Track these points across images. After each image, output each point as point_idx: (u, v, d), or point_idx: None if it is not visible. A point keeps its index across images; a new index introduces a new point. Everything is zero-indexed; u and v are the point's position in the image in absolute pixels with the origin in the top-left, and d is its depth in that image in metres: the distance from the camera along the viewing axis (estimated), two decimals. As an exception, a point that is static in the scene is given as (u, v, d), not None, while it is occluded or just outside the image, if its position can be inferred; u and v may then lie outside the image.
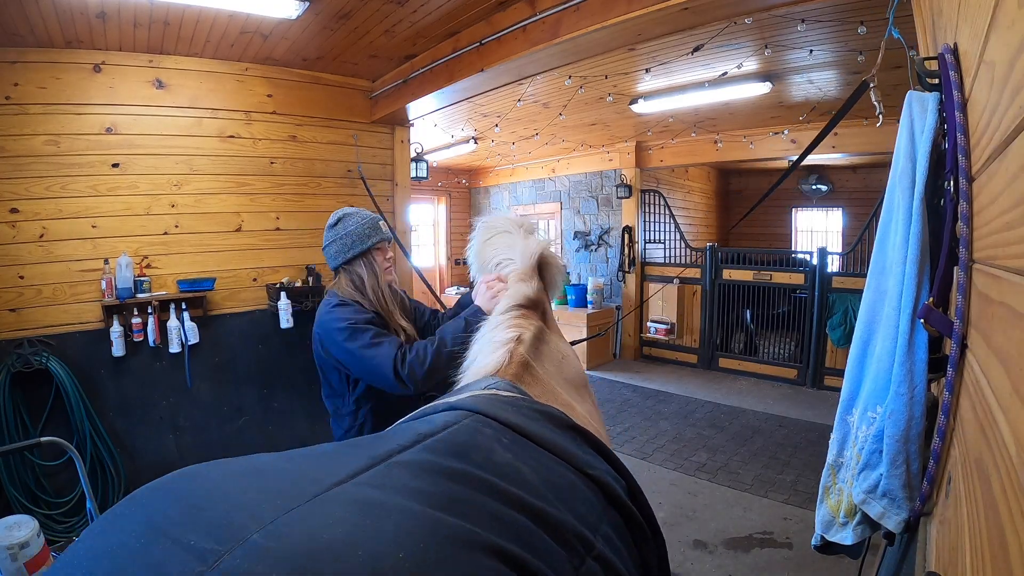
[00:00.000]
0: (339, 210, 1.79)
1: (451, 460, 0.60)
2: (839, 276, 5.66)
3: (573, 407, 0.99)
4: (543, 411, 0.82)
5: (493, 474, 0.60)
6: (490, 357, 1.00)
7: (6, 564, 1.44)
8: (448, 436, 0.67)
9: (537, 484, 0.63)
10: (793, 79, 4.26)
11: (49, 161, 2.97)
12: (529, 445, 0.71)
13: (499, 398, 0.83)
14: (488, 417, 0.73)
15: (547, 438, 0.74)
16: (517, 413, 0.77)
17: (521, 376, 0.96)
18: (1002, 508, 0.49)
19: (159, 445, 3.35)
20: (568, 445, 0.75)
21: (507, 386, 0.89)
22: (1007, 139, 0.57)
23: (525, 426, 0.74)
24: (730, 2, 2.19)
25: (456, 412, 0.75)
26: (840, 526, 1.11)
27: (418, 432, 0.66)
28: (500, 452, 0.66)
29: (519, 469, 0.64)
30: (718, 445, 4.25)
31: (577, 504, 0.65)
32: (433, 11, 2.86)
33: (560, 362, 1.12)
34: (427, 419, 0.75)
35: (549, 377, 1.03)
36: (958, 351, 0.80)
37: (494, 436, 0.69)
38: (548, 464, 0.69)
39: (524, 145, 6.80)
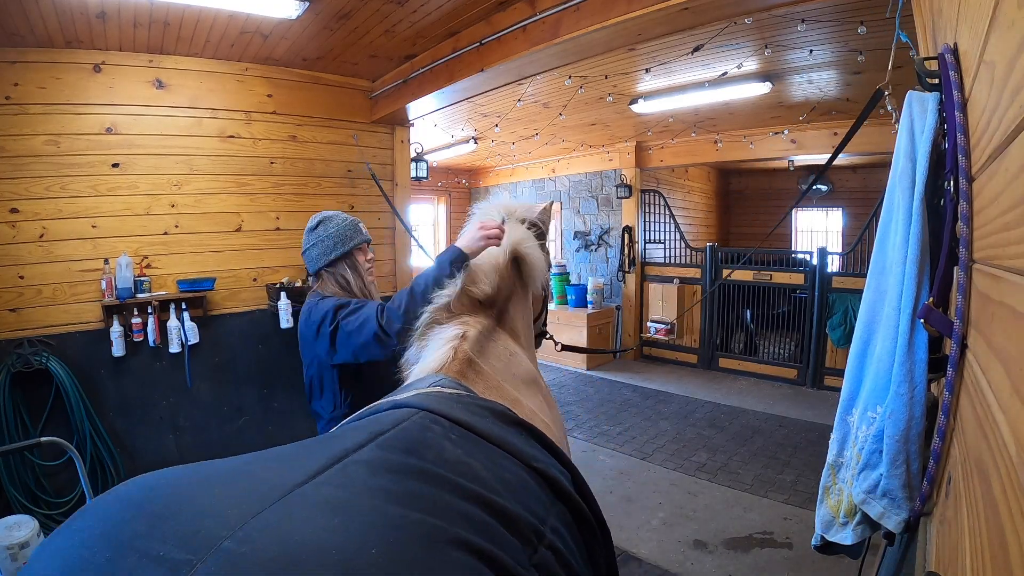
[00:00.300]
0: (318, 214, 1.81)
1: (406, 457, 0.61)
2: (839, 276, 5.66)
3: (520, 402, 1.01)
4: (488, 407, 0.83)
5: (447, 470, 0.61)
6: (435, 354, 1.02)
7: (6, 564, 1.44)
8: (399, 434, 0.67)
9: (488, 479, 0.64)
10: (793, 79, 4.26)
11: (49, 161, 2.97)
12: (477, 440, 0.72)
13: (443, 395, 0.84)
14: (435, 414, 0.74)
15: (494, 433, 0.75)
16: (463, 409, 0.78)
17: (465, 372, 0.98)
18: (1002, 508, 0.49)
19: (159, 445, 3.35)
20: (514, 440, 0.77)
21: (451, 383, 0.91)
22: (1007, 139, 0.57)
23: (472, 422, 0.75)
24: (730, 2, 2.19)
25: (403, 410, 0.75)
26: (840, 526, 1.11)
27: (369, 431, 0.66)
28: (450, 448, 0.67)
29: (470, 465, 0.65)
30: (718, 445, 4.25)
31: (526, 497, 0.67)
32: (433, 11, 2.86)
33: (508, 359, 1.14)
34: (374, 418, 0.76)
35: (495, 373, 1.04)
36: (958, 351, 0.80)
37: (443, 433, 0.70)
38: (496, 459, 0.70)
39: (524, 145, 6.80)
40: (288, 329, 3.54)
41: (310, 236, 1.77)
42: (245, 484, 0.51)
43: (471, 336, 1.07)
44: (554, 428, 1.08)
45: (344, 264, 1.77)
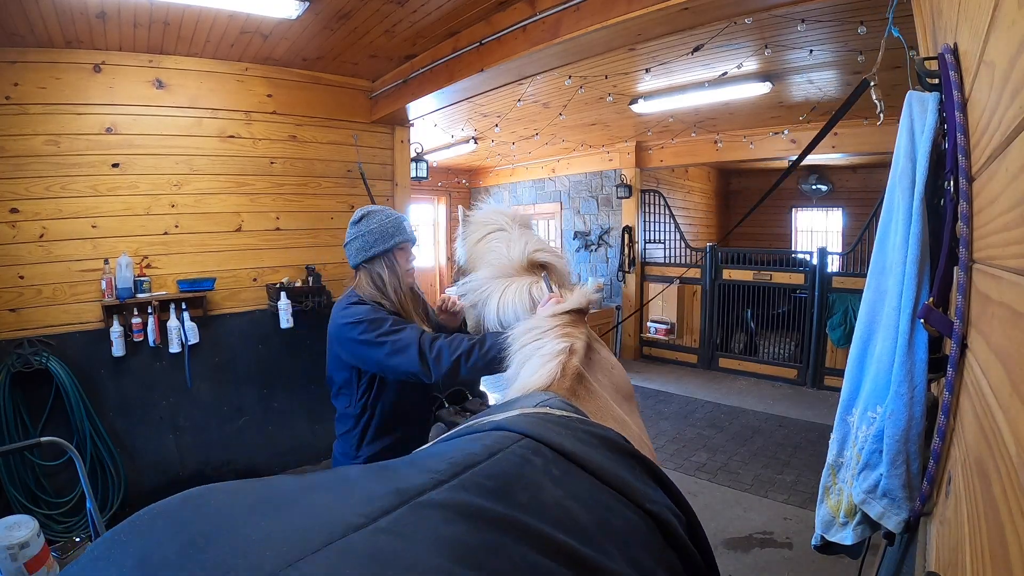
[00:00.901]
0: (364, 207, 1.75)
1: (490, 501, 0.54)
2: (839, 276, 5.66)
3: (628, 424, 0.93)
4: (600, 435, 0.75)
5: (537, 517, 0.54)
6: (541, 369, 0.91)
7: (6, 564, 1.44)
8: (491, 468, 0.60)
9: (587, 525, 0.57)
10: (793, 79, 4.26)
11: (49, 161, 2.97)
12: (583, 476, 0.65)
13: (552, 418, 0.76)
14: (539, 442, 0.66)
15: (605, 468, 0.67)
16: (572, 437, 0.70)
17: (576, 391, 0.89)
18: (1002, 508, 0.49)
19: (159, 445, 3.35)
20: (627, 476, 0.69)
21: (561, 403, 0.81)
22: (1007, 139, 0.57)
23: (581, 454, 0.67)
24: (730, 2, 2.19)
25: (503, 434, 0.68)
26: (840, 526, 1.11)
27: (455, 462, 0.59)
28: (549, 489, 0.60)
29: (569, 510, 0.58)
30: (718, 445, 4.25)
31: (633, 547, 0.60)
32: (433, 11, 2.86)
33: (611, 372, 1.05)
34: (468, 440, 0.68)
35: (603, 390, 0.95)
36: (958, 351, 0.80)
37: (543, 468, 0.62)
38: (602, 499, 0.63)
39: (524, 145, 6.80)
40: (288, 329, 3.55)
41: (352, 229, 1.70)
42: (295, 517, 0.46)
43: (579, 349, 0.96)
44: (652, 448, 0.99)
45: (382, 262, 1.67)
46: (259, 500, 0.49)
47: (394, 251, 1.69)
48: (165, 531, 0.43)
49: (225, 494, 0.49)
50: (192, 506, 0.47)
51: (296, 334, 3.60)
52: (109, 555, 0.42)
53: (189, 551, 0.40)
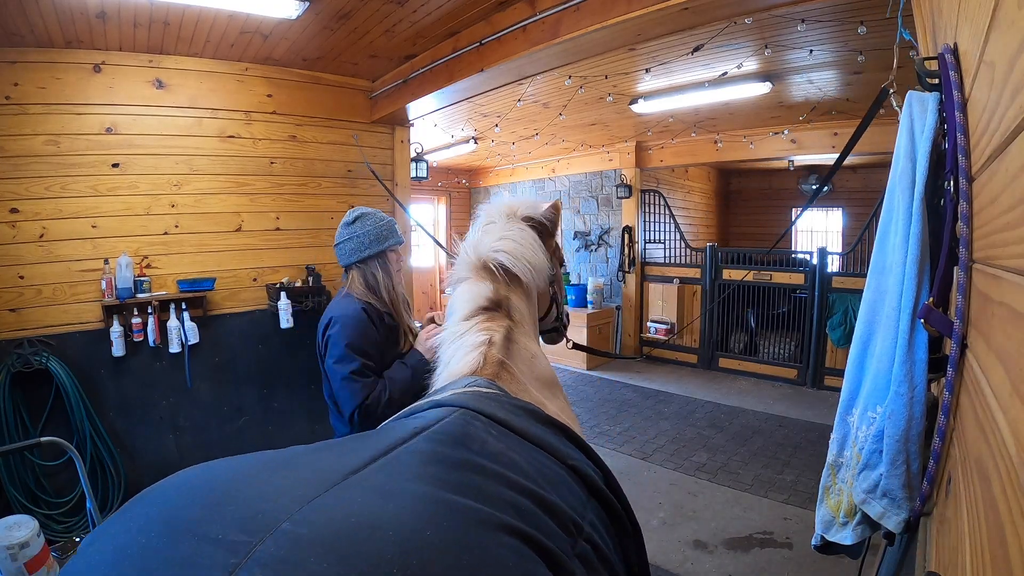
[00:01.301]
0: (356, 208, 1.80)
1: (454, 448, 0.62)
2: (839, 276, 5.66)
3: (545, 404, 1.02)
4: (523, 407, 0.84)
5: (493, 462, 0.62)
6: (463, 360, 1.01)
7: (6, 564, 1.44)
8: (443, 427, 0.69)
9: (531, 472, 0.66)
10: (793, 79, 4.26)
11: (49, 161, 2.97)
12: (515, 438, 0.73)
13: (480, 394, 0.85)
14: (474, 411, 0.75)
15: (531, 431, 0.76)
16: (501, 408, 0.79)
17: (499, 374, 0.99)
18: (1002, 508, 0.49)
19: (159, 445, 3.35)
20: (550, 438, 0.78)
21: (486, 383, 0.91)
22: (1007, 139, 0.57)
23: (510, 420, 0.76)
24: (730, 2, 2.19)
25: (443, 408, 0.76)
26: (840, 526, 1.11)
27: (414, 427, 0.68)
28: (493, 443, 0.68)
29: (513, 459, 0.66)
30: (718, 445, 4.25)
31: (565, 492, 0.68)
32: (433, 11, 2.86)
33: (530, 361, 1.13)
34: (418, 415, 0.77)
35: (522, 376, 1.05)
36: (958, 351, 0.80)
37: (483, 428, 0.71)
38: (535, 456, 0.72)
39: (524, 145, 6.80)
40: (288, 329, 3.55)
41: (345, 230, 1.77)
42: (301, 471, 0.52)
43: (497, 340, 1.06)
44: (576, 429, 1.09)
45: (376, 263, 1.77)
46: (262, 464, 0.54)
47: (387, 252, 1.79)
48: (180, 498, 0.46)
49: (230, 463, 0.54)
50: (196, 476, 0.50)
51: (296, 334, 3.60)
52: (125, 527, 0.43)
53: (212, 508, 0.43)
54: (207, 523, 0.41)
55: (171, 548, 0.39)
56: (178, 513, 0.43)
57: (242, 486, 0.47)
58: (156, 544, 0.40)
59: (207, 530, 0.40)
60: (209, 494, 0.46)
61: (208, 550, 0.39)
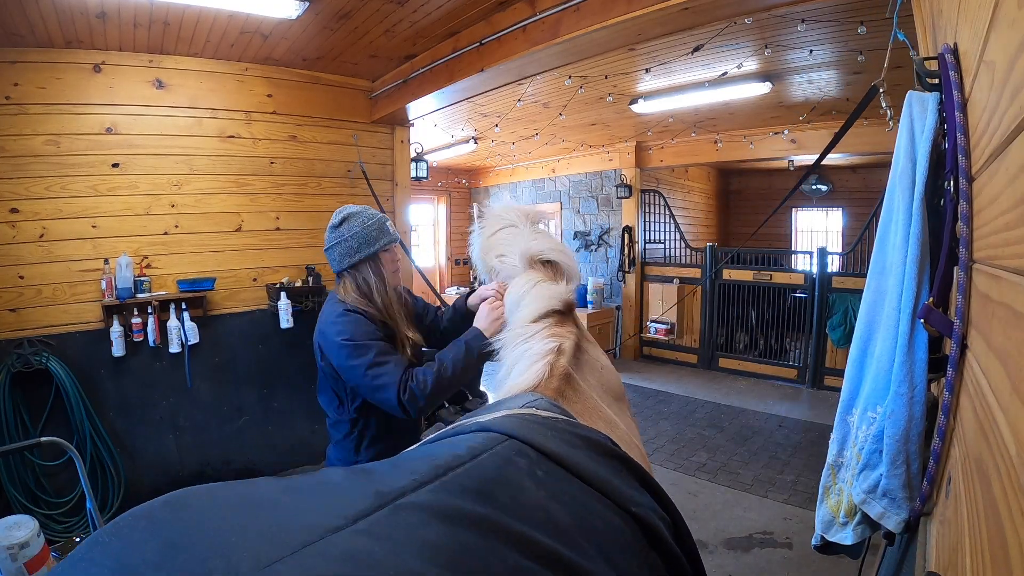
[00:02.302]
0: (342, 209, 1.66)
1: (471, 503, 0.54)
2: (839, 276, 5.66)
3: (616, 424, 0.92)
4: (586, 437, 0.75)
5: (518, 518, 0.54)
6: (529, 370, 0.91)
7: (6, 564, 1.44)
8: (473, 469, 0.60)
9: (569, 527, 0.57)
10: (793, 79, 4.26)
11: (49, 161, 2.97)
12: (567, 478, 0.65)
13: (537, 419, 0.76)
14: (524, 443, 0.67)
15: (588, 470, 0.67)
16: (556, 439, 0.70)
17: (563, 391, 0.89)
18: (1002, 508, 0.49)
19: (159, 445, 3.35)
20: (611, 477, 0.69)
21: (547, 404, 0.81)
22: (1007, 139, 0.57)
23: (565, 455, 0.67)
24: (730, 2, 2.19)
25: (488, 435, 0.68)
26: (840, 526, 1.11)
27: (438, 464, 0.59)
28: (531, 490, 0.60)
29: (550, 511, 0.58)
30: (718, 445, 4.25)
31: (613, 549, 0.60)
32: (433, 11, 2.86)
33: (600, 373, 1.04)
34: (453, 442, 0.68)
35: (591, 390, 0.95)
36: (958, 351, 0.80)
37: (527, 469, 0.63)
38: (585, 501, 0.63)
39: (524, 145, 6.80)
40: (288, 329, 3.55)
41: (332, 234, 1.63)
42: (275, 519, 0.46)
43: (567, 349, 0.96)
44: (644, 451, 0.98)
45: (368, 267, 1.62)
46: (239, 502, 0.49)
47: (379, 254, 1.64)
48: (145, 532, 0.44)
49: (205, 496, 0.49)
50: (172, 509, 0.47)
51: (296, 334, 3.59)
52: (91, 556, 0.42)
53: (168, 552, 0.41)
54: (153, 570, 0.39)
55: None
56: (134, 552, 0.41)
57: (206, 529, 0.44)
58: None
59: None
60: (172, 531, 0.43)
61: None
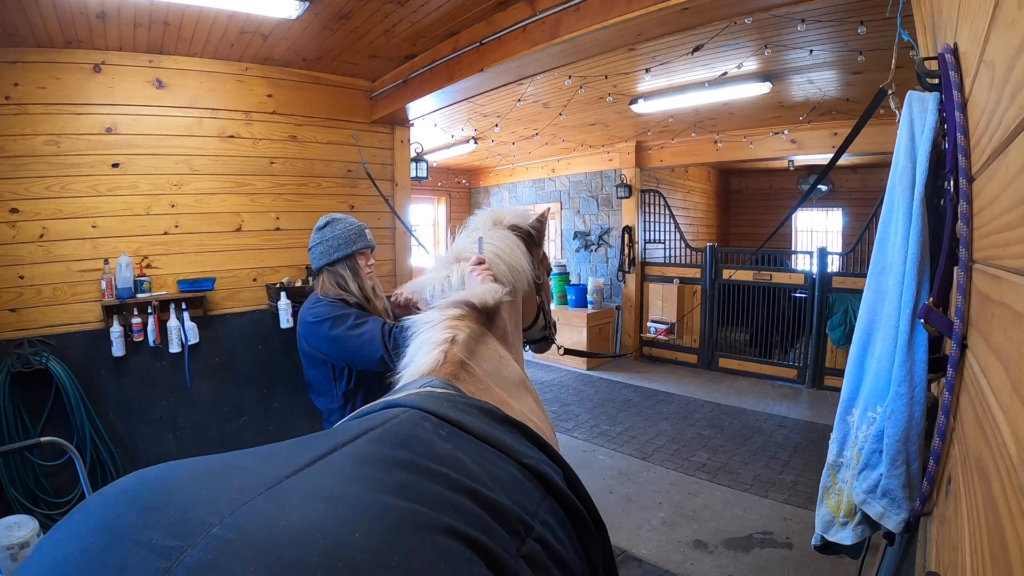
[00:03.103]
0: (328, 214, 1.91)
1: (396, 450, 0.62)
2: (839, 276, 5.66)
3: (508, 403, 1.02)
4: (477, 405, 0.84)
5: (437, 463, 0.62)
6: (425, 357, 1.03)
7: (6, 564, 1.44)
8: (390, 428, 0.69)
9: (478, 473, 0.65)
10: (793, 79, 4.26)
11: (49, 161, 2.97)
12: (466, 437, 0.73)
13: (434, 394, 0.85)
14: (425, 411, 0.75)
15: (483, 430, 0.76)
16: (452, 408, 0.79)
17: (456, 374, 0.99)
18: (1002, 508, 0.49)
19: (159, 445, 3.35)
20: (504, 437, 0.78)
21: (442, 384, 0.92)
22: (1007, 139, 0.57)
23: (461, 419, 0.76)
24: (730, 2, 2.19)
25: (395, 409, 0.77)
26: (840, 526, 1.11)
27: (361, 428, 0.68)
28: (440, 444, 0.68)
29: (460, 459, 0.66)
30: (718, 445, 4.25)
31: (516, 492, 0.67)
32: (433, 11, 2.86)
33: (498, 361, 1.14)
34: (368, 416, 0.77)
35: (486, 375, 1.05)
36: (958, 351, 0.80)
37: (432, 429, 0.71)
38: (486, 455, 0.71)
39: (524, 145, 6.80)
40: (288, 329, 3.54)
41: (316, 235, 1.86)
42: (237, 477, 0.52)
43: (460, 339, 1.07)
44: (545, 429, 1.09)
45: (345, 266, 1.83)
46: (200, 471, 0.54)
47: (355, 255, 1.86)
48: (119, 504, 0.47)
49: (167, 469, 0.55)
50: (139, 481, 0.51)
51: (296, 334, 3.59)
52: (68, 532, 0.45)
53: (148, 512, 0.45)
54: (142, 527, 0.43)
55: (107, 553, 0.41)
56: (116, 519, 0.44)
57: (178, 491, 0.48)
58: (93, 549, 0.42)
59: (141, 535, 0.42)
60: (147, 499, 0.47)
61: (142, 554, 0.40)
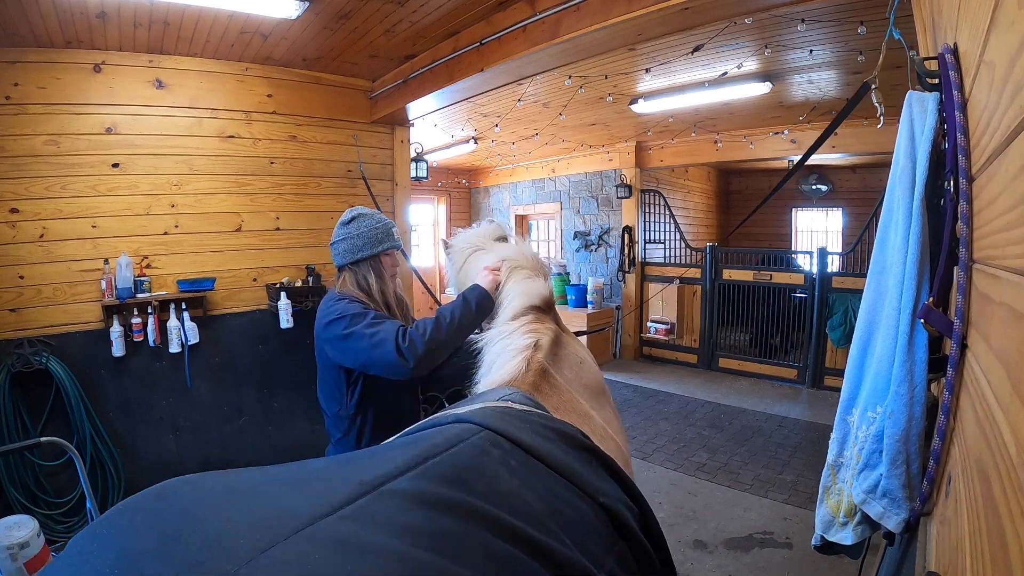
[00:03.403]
0: (354, 208, 1.76)
1: (449, 489, 0.57)
2: (839, 276, 5.66)
3: (592, 417, 0.95)
4: (558, 429, 0.78)
5: (494, 504, 0.57)
6: (506, 365, 0.95)
7: (6, 564, 1.44)
8: (450, 458, 0.63)
9: (541, 514, 0.60)
10: (793, 79, 4.26)
11: (49, 161, 2.97)
12: (539, 468, 0.68)
13: (512, 411, 0.79)
14: (498, 434, 0.70)
15: (559, 460, 0.70)
16: (529, 431, 0.73)
17: (539, 385, 0.92)
18: (1002, 508, 0.49)
19: (159, 445, 3.35)
20: (581, 469, 0.72)
21: (523, 398, 0.85)
22: (1007, 139, 0.57)
23: (537, 446, 0.70)
24: (730, 2, 2.19)
25: (464, 427, 0.71)
26: (840, 526, 1.11)
27: (416, 452, 0.62)
28: (506, 478, 0.62)
29: (523, 498, 0.61)
30: (718, 445, 4.25)
31: (582, 536, 0.63)
32: (433, 11, 2.86)
33: (579, 367, 1.07)
34: (429, 433, 0.71)
35: (568, 384, 0.98)
36: (958, 351, 0.80)
37: (501, 458, 0.65)
38: (557, 491, 0.66)
39: (524, 145, 6.80)
40: (288, 329, 3.55)
41: (341, 230, 1.72)
42: (265, 508, 0.49)
43: (544, 344, 1.00)
44: (622, 443, 1.02)
45: (369, 266, 1.71)
46: (227, 491, 0.51)
47: (381, 256, 1.72)
48: (142, 525, 0.45)
49: (194, 487, 0.51)
50: (165, 500, 0.49)
51: (296, 334, 3.59)
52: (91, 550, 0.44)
53: (165, 542, 0.43)
54: (154, 560, 0.41)
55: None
56: (132, 545, 0.43)
57: (200, 519, 0.46)
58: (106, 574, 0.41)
59: (153, 569, 0.40)
60: (167, 525, 0.45)
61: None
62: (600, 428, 0.94)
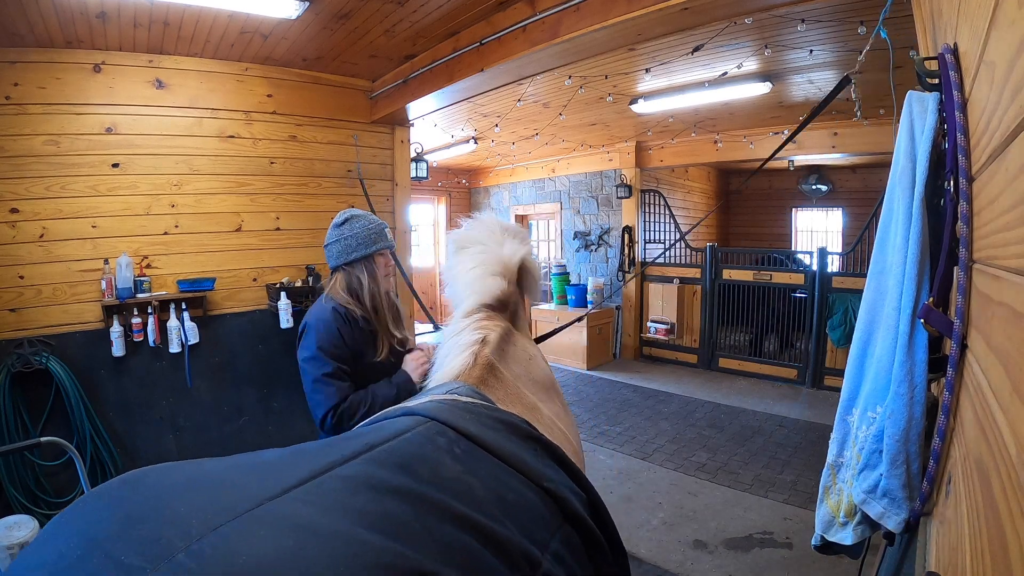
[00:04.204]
0: (347, 210, 1.78)
1: (395, 474, 0.59)
2: (839, 276, 5.66)
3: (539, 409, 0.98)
4: (503, 419, 0.80)
5: (438, 490, 0.59)
6: (454, 360, 0.99)
7: (6, 564, 1.44)
8: (397, 446, 0.65)
9: (485, 499, 0.62)
10: (793, 79, 4.26)
11: (49, 161, 2.97)
12: (484, 456, 0.69)
13: (459, 404, 0.81)
14: (444, 425, 0.71)
15: (504, 449, 0.72)
16: (474, 421, 0.75)
17: (485, 379, 0.95)
18: (1002, 508, 0.49)
19: (159, 445, 3.35)
20: (526, 457, 0.74)
21: (469, 391, 0.88)
22: (1007, 139, 0.57)
23: (482, 435, 0.72)
24: (730, 2, 2.19)
25: (412, 418, 0.73)
26: (840, 526, 1.11)
27: (366, 441, 0.64)
28: (450, 465, 0.64)
29: (468, 483, 0.63)
30: (718, 445, 4.25)
31: (526, 520, 0.64)
32: (433, 11, 2.86)
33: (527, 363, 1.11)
34: (380, 425, 0.73)
35: (515, 379, 1.01)
36: (958, 351, 0.80)
37: (446, 447, 0.67)
38: (501, 477, 0.68)
39: (524, 145, 6.79)
40: (288, 329, 3.55)
41: (334, 232, 1.75)
42: (220, 493, 0.51)
43: (492, 340, 1.03)
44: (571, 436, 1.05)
45: (362, 267, 1.73)
46: (188, 479, 0.54)
47: (374, 256, 1.75)
48: (105, 510, 0.48)
49: (158, 475, 0.54)
50: (129, 487, 0.52)
51: (296, 334, 3.59)
52: (57, 532, 0.47)
53: (127, 524, 0.45)
54: (116, 540, 0.43)
55: (80, 563, 0.42)
56: (97, 526, 0.46)
57: (163, 503, 0.48)
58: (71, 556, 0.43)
59: (114, 549, 0.43)
60: (131, 507, 0.48)
61: (109, 570, 0.41)
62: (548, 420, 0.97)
